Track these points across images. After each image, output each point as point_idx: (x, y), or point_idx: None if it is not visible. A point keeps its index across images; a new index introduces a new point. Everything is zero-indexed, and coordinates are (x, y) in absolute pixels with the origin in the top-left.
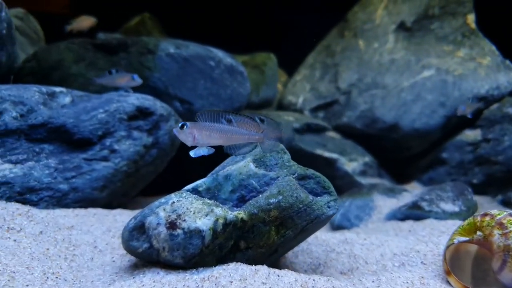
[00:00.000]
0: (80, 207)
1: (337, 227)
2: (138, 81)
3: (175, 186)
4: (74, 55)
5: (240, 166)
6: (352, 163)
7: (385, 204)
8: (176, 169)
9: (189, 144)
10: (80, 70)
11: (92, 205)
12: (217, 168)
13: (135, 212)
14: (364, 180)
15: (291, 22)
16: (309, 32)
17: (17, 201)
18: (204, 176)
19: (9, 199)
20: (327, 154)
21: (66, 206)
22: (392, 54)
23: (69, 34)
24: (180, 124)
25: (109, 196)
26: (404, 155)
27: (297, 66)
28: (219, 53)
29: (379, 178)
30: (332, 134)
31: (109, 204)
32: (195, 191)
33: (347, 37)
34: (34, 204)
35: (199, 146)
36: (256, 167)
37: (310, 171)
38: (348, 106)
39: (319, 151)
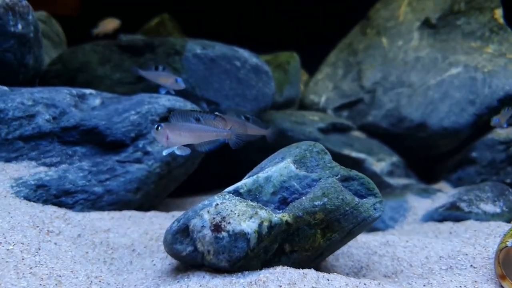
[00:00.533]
0: (115, 209)
1: (371, 229)
2: (181, 85)
3: (201, 187)
4: (100, 57)
5: (280, 168)
6: (380, 163)
7: (420, 205)
8: (202, 171)
9: (164, 144)
10: (106, 72)
11: (126, 207)
12: (254, 170)
13: (170, 215)
14: (392, 180)
15: (309, 20)
16: (327, 31)
17: (53, 204)
18: (227, 176)
19: (45, 202)
20: (354, 154)
21: (101, 208)
22: (417, 52)
23: (96, 37)
24: (155, 126)
25: (143, 198)
26: (431, 154)
27: (316, 65)
28: (244, 53)
29: (407, 178)
30: (357, 133)
31: (141, 206)
32: (236, 192)
33: (369, 35)
34: (70, 207)
35: (172, 146)
36: (297, 168)
37: (354, 172)
38: (373, 105)
39: (346, 151)
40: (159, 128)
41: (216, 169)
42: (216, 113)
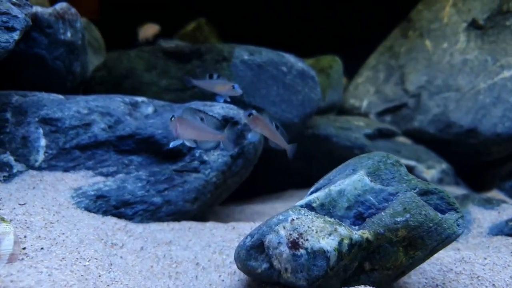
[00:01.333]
0: (173, 220)
1: None
2: (238, 91)
3: (246, 195)
4: (145, 63)
5: (354, 181)
6: (430, 170)
7: (484, 217)
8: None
9: (174, 134)
10: (152, 78)
11: (183, 217)
12: (321, 182)
13: (230, 226)
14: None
15: (346, 23)
16: (363, 33)
17: (113, 214)
18: (269, 184)
19: (105, 212)
20: (404, 161)
21: (160, 219)
22: (464, 54)
23: (139, 44)
24: (171, 116)
25: (199, 208)
26: (481, 161)
27: (352, 68)
28: (290, 58)
29: (456, 186)
30: (402, 139)
31: (196, 215)
32: (308, 207)
33: (411, 37)
34: (129, 218)
35: (179, 138)
36: (371, 181)
37: (432, 186)
38: (418, 109)
39: None
40: (172, 118)
41: (257, 176)
42: (252, 111)
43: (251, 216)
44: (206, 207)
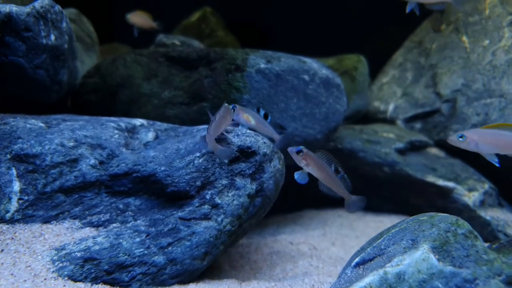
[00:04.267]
0: (179, 282)
1: None
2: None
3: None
4: (144, 69)
5: (416, 260)
6: (472, 193)
7: None
8: None
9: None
10: (152, 88)
11: (191, 277)
12: (369, 250)
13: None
14: (485, 213)
15: (366, 13)
16: (389, 26)
17: (105, 282)
18: (286, 201)
19: (95, 280)
20: (441, 182)
21: (163, 283)
22: (510, 54)
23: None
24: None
25: (210, 262)
26: None
27: (375, 64)
28: (313, 64)
29: (500, 208)
30: (435, 151)
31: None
32: None
33: (445, 32)
34: (126, 285)
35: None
36: (438, 260)
37: None
38: (454, 117)
39: (430, 178)
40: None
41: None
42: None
43: (270, 257)
44: (218, 258)
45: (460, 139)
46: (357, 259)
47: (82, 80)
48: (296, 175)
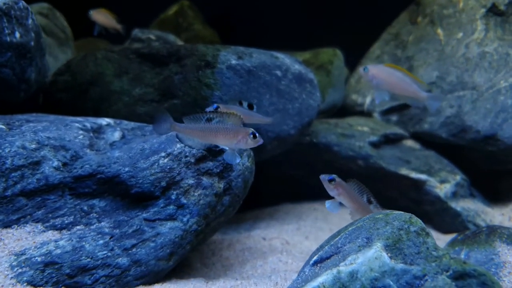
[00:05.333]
0: (144, 283)
1: None
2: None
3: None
4: (115, 66)
5: (369, 258)
6: (444, 185)
7: None
8: None
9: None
10: (123, 85)
11: (157, 278)
12: (326, 248)
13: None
14: (456, 204)
15: (346, 5)
16: (367, 18)
17: (67, 286)
18: (264, 194)
19: (56, 284)
20: (414, 175)
21: (127, 285)
22: (482, 46)
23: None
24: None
25: (176, 262)
26: (498, 169)
27: (354, 57)
28: (286, 59)
29: (471, 198)
30: (410, 143)
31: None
32: None
33: (421, 24)
34: None
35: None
36: (391, 258)
37: (470, 266)
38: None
39: (404, 171)
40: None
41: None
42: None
43: (242, 253)
44: (185, 257)
45: (364, 70)
46: (315, 258)
47: (53, 77)
48: (327, 204)
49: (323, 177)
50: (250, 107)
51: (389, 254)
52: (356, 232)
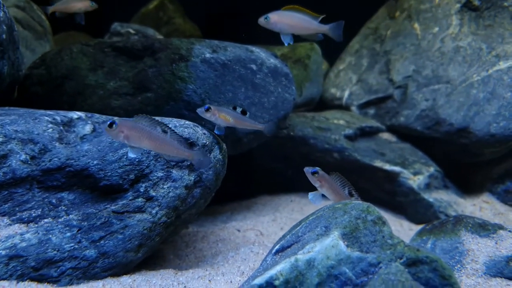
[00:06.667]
0: (112, 275)
1: None
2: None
3: (214, 200)
4: (90, 60)
5: (326, 246)
6: (417, 176)
7: (480, 248)
8: None
9: (120, 141)
10: (98, 79)
11: (125, 270)
12: (288, 237)
13: (181, 284)
14: (429, 195)
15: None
16: (348, 12)
17: (32, 279)
18: (242, 187)
19: (21, 277)
20: (388, 167)
21: (94, 277)
22: (456, 41)
23: (53, 17)
24: (108, 122)
25: (145, 254)
26: (471, 162)
27: (333, 52)
28: (261, 53)
29: (445, 190)
30: (386, 136)
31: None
32: (270, 286)
33: (398, 19)
34: (54, 281)
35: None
36: (347, 246)
37: (423, 253)
38: (404, 103)
39: (378, 163)
40: (113, 125)
41: (226, 178)
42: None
43: (215, 245)
44: (155, 248)
45: (265, 20)
46: (277, 247)
47: (28, 71)
48: (310, 195)
49: (307, 170)
50: (244, 112)
51: (346, 243)
52: (316, 222)
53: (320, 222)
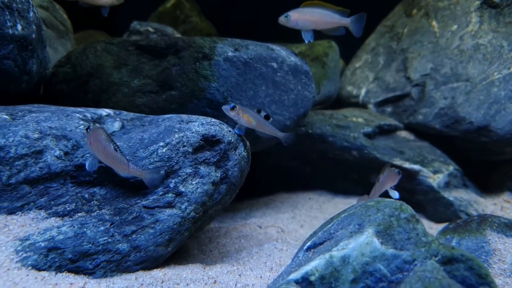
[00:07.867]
0: (144, 269)
1: None
2: None
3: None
4: (114, 59)
5: (361, 244)
6: (437, 175)
7: (507, 248)
8: None
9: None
10: (122, 77)
11: (156, 263)
12: (320, 234)
13: (211, 279)
14: (449, 194)
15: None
16: (363, 10)
17: (69, 270)
18: (260, 183)
19: (59, 269)
20: (407, 165)
21: (127, 270)
22: (476, 39)
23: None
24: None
25: (174, 248)
26: (491, 160)
27: (350, 49)
28: (281, 52)
29: (464, 188)
30: (404, 134)
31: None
32: (305, 281)
33: (415, 16)
34: (90, 273)
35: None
36: (382, 243)
37: (458, 252)
38: (422, 101)
39: (397, 161)
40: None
41: (247, 176)
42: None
43: (238, 241)
44: (184, 242)
45: (286, 18)
46: (308, 243)
47: (54, 69)
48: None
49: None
50: (267, 117)
51: (380, 240)
52: (348, 219)
53: (353, 220)
